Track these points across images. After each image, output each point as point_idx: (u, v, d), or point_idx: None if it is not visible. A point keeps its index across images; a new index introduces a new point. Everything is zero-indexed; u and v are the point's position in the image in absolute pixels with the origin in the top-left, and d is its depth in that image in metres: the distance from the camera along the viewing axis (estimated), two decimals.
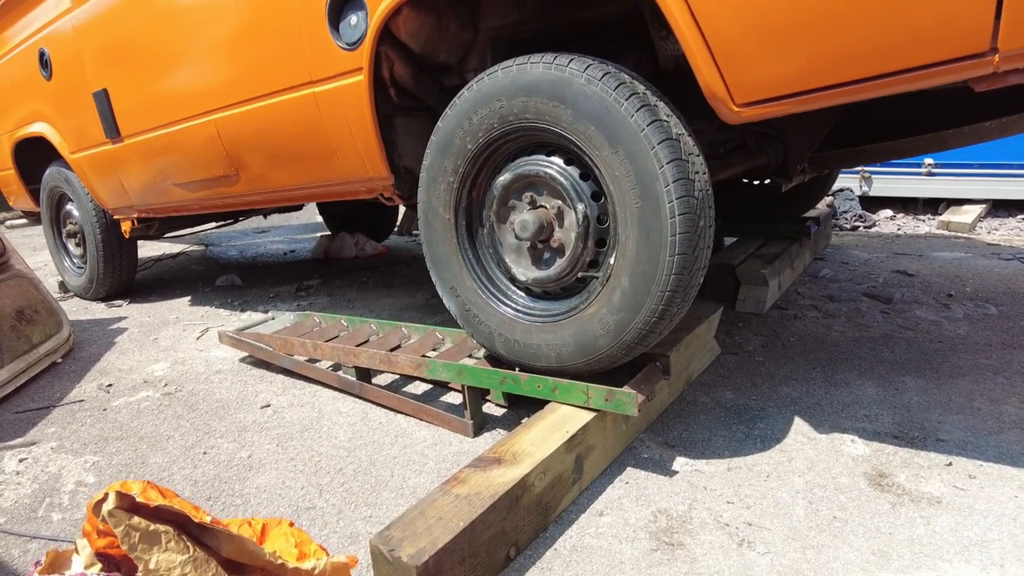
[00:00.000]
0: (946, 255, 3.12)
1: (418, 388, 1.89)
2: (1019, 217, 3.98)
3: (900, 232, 3.79)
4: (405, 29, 1.53)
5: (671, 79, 1.50)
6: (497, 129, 1.38)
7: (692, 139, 1.23)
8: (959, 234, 3.66)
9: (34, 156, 3.28)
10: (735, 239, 2.85)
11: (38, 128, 3.01)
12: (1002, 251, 3.17)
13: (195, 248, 4.80)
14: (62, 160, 3.08)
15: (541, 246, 1.42)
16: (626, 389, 1.32)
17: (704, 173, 1.24)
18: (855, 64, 1.02)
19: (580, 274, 1.37)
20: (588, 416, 1.33)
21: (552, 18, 1.61)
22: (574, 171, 1.34)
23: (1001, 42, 0.92)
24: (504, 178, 1.42)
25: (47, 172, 3.29)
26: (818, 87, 1.06)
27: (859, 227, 3.87)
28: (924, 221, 4.03)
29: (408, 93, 1.70)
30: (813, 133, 2.00)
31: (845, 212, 3.98)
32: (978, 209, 3.96)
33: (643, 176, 1.19)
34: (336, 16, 1.57)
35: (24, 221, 3.98)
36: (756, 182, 2.78)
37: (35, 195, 3.56)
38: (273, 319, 2.33)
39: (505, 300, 1.49)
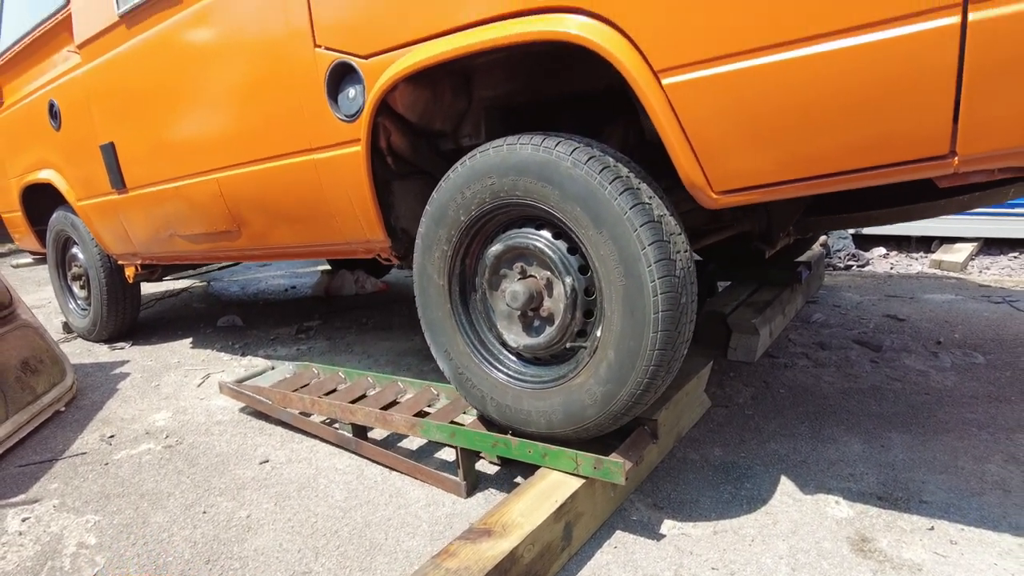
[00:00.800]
0: (937, 297, 3.16)
1: (414, 442, 1.93)
2: (1010, 255, 4.03)
3: (893, 271, 3.84)
4: (402, 102, 1.60)
5: (657, 147, 1.55)
6: (489, 203, 1.43)
7: (674, 219, 1.28)
8: (951, 273, 3.71)
9: (41, 199, 3.36)
10: (728, 283, 2.90)
11: (46, 175, 3.09)
12: (992, 293, 3.22)
13: (197, 284, 4.86)
14: (68, 205, 3.16)
15: (531, 314, 1.47)
16: (614, 457, 1.36)
17: (686, 251, 1.29)
18: (826, 160, 1.08)
19: (568, 344, 1.42)
20: (577, 483, 1.37)
21: (543, 89, 1.68)
22: (562, 245, 1.40)
23: (959, 147, 0.98)
24: (496, 248, 1.48)
25: (54, 216, 3.36)
26: (793, 179, 1.12)
27: (852, 266, 3.92)
28: (917, 259, 4.08)
29: (405, 159, 1.76)
30: (796, 203, 2.06)
31: (839, 251, 4.04)
32: (969, 247, 4.01)
33: (626, 256, 1.24)
34: (335, 89, 1.64)
35: (30, 261, 4.04)
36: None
37: (41, 236, 3.63)
38: (273, 368, 2.38)
39: (497, 365, 1.54)
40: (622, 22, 1.15)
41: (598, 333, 1.34)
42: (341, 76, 1.61)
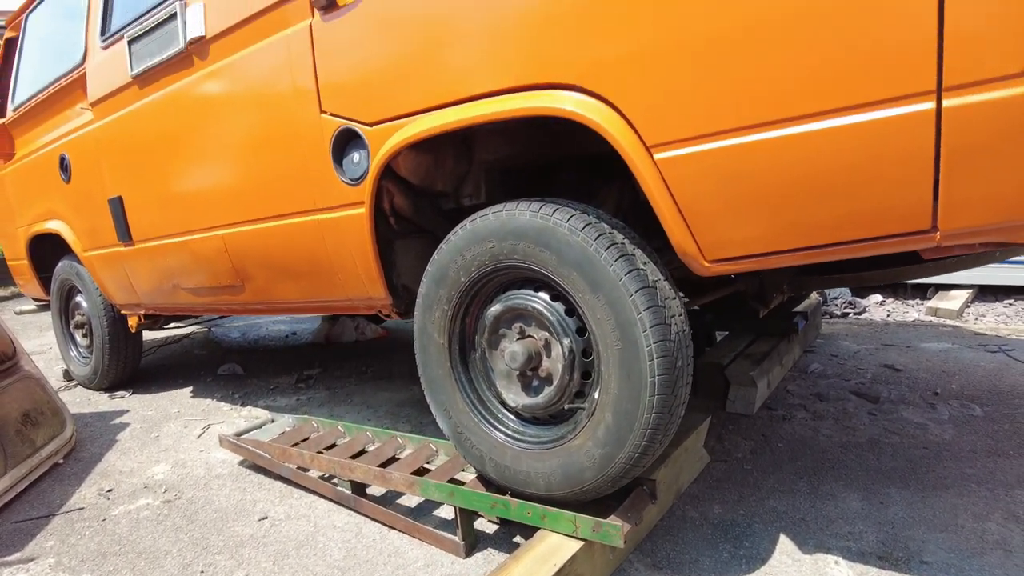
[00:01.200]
0: (934, 346, 3.18)
1: (412, 499, 1.92)
2: (1005, 302, 4.07)
3: (889, 319, 3.87)
4: (405, 166, 1.65)
5: (651, 209, 1.60)
6: (489, 265, 1.47)
7: (668, 283, 1.32)
8: (947, 321, 3.74)
9: (46, 248, 3.42)
10: (726, 333, 2.92)
11: (53, 225, 3.15)
12: (988, 342, 3.24)
13: (199, 330, 4.88)
14: (74, 255, 3.20)
15: (530, 374, 1.49)
16: (612, 520, 1.36)
17: (681, 315, 1.32)
18: (814, 233, 1.12)
19: (567, 405, 1.44)
20: (576, 546, 1.37)
21: (541, 153, 1.74)
22: (560, 307, 1.43)
23: (941, 222, 1.02)
24: (495, 309, 1.51)
25: (59, 265, 3.41)
26: (782, 250, 1.15)
27: (849, 314, 3.95)
28: (913, 306, 4.12)
29: (406, 219, 1.81)
30: (788, 267, 2.10)
31: (835, 299, 4.08)
32: (965, 295, 4.04)
33: (623, 321, 1.27)
34: (340, 153, 1.69)
35: (33, 308, 4.08)
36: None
37: (45, 283, 3.68)
38: (273, 421, 2.38)
39: (496, 424, 1.56)
40: (616, 100, 1.21)
41: (596, 395, 1.36)
42: (346, 141, 1.67)
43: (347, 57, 1.62)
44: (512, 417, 1.56)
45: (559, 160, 1.79)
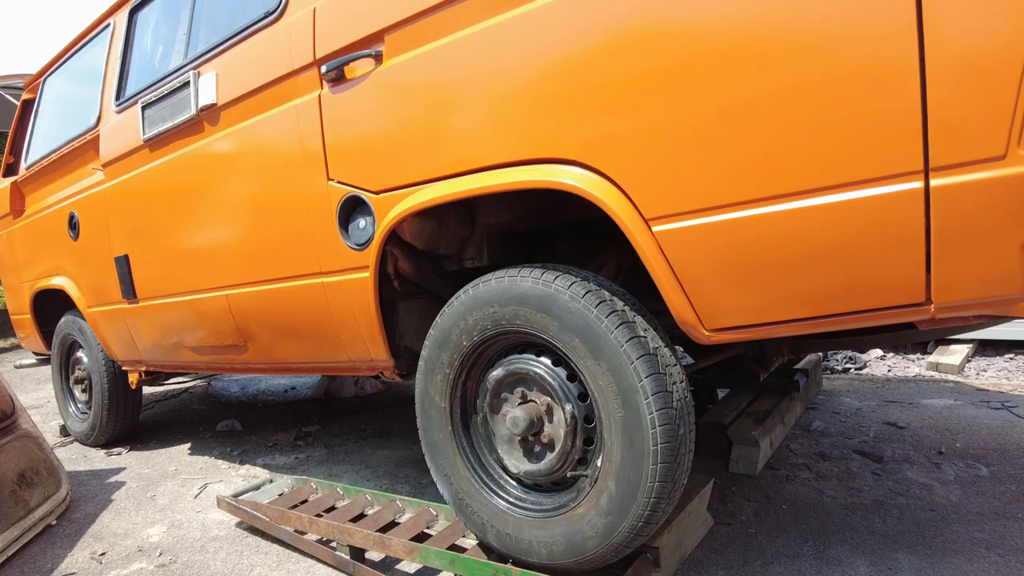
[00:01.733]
0: (936, 403, 3.17)
1: (412, 565, 1.89)
2: (1006, 357, 4.06)
3: (890, 374, 3.87)
4: (409, 231, 1.69)
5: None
6: (491, 330, 1.49)
7: (669, 350, 1.34)
8: (948, 376, 3.73)
9: (48, 304, 3.45)
10: (727, 390, 2.91)
11: (59, 281, 3.18)
12: (991, 398, 3.22)
13: (198, 384, 4.86)
14: (77, 310, 3.23)
15: (532, 439, 1.49)
16: None
17: (682, 382, 1.33)
18: (812, 304, 1.14)
19: (569, 473, 1.43)
20: None
21: (543, 218, 1.78)
22: (561, 372, 1.44)
23: (934, 296, 1.04)
24: (497, 373, 1.52)
25: (62, 321, 3.42)
26: (781, 320, 1.18)
27: (850, 369, 3.95)
28: (914, 361, 4.11)
29: (410, 280, 1.84)
30: None
31: (835, 354, 4.08)
32: (965, 349, 4.05)
33: (624, 388, 1.28)
34: (346, 219, 1.73)
35: (33, 362, 4.08)
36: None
37: (46, 338, 3.69)
38: (271, 482, 2.36)
39: (498, 491, 1.54)
40: (614, 175, 1.25)
41: (599, 463, 1.36)
42: (352, 208, 1.71)
43: (355, 127, 1.68)
44: (514, 483, 1.55)
45: (560, 224, 1.83)
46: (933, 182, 0.99)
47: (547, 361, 1.46)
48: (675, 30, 1.17)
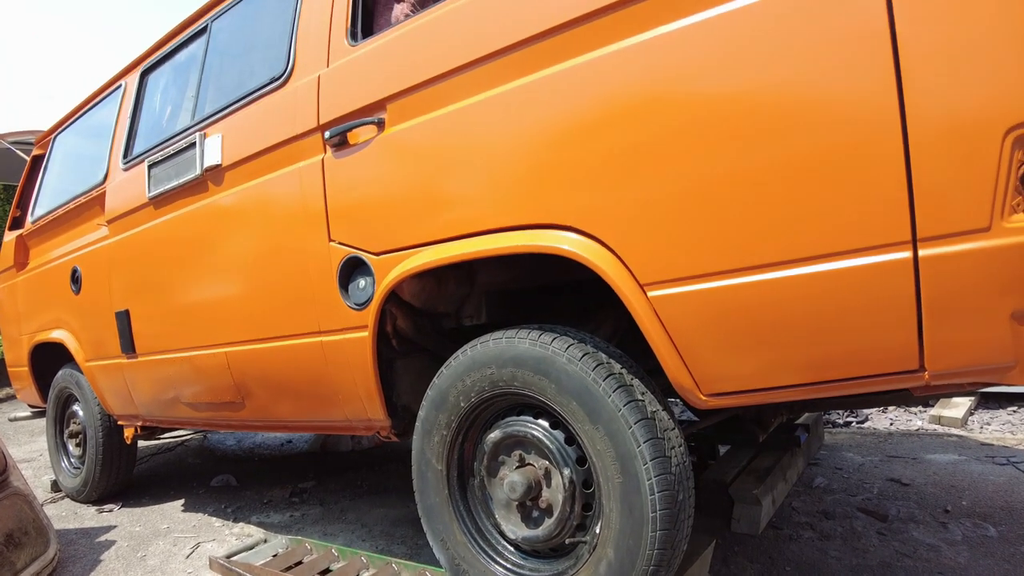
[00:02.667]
0: (940, 458, 3.13)
1: None
2: (1009, 409, 4.03)
3: (893, 428, 3.83)
4: (408, 291, 1.70)
5: None
6: (488, 391, 1.49)
7: (667, 414, 1.33)
8: (951, 430, 3.69)
9: (45, 356, 3.44)
10: (727, 447, 2.88)
11: (58, 335, 3.19)
12: (996, 453, 3.19)
13: (194, 437, 4.80)
14: (75, 364, 3.22)
15: (530, 504, 1.47)
16: None
17: (681, 446, 1.32)
18: (809, 370, 1.15)
19: (568, 539, 1.41)
20: None
21: (540, 278, 1.80)
22: (560, 435, 1.43)
23: (927, 363, 1.05)
24: (494, 435, 1.51)
25: (60, 374, 3.41)
26: (778, 386, 1.18)
27: (852, 423, 3.91)
28: (916, 414, 4.08)
29: (408, 339, 1.84)
30: None
31: (837, 408, 4.04)
32: (968, 402, 4.02)
33: (622, 453, 1.28)
34: (346, 280, 1.75)
35: (28, 414, 4.05)
36: None
37: (42, 390, 3.67)
38: (265, 542, 2.31)
39: (495, 556, 1.52)
40: (609, 241, 1.28)
41: (597, 529, 1.34)
42: (352, 268, 1.74)
43: (357, 191, 1.71)
44: (511, 549, 1.53)
45: (558, 283, 1.85)
46: (921, 252, 1.01)
47: (545, 424, 1.45)
48: (668, 104, 1.21)
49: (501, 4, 1.46)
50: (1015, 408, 4.08)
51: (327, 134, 1.75)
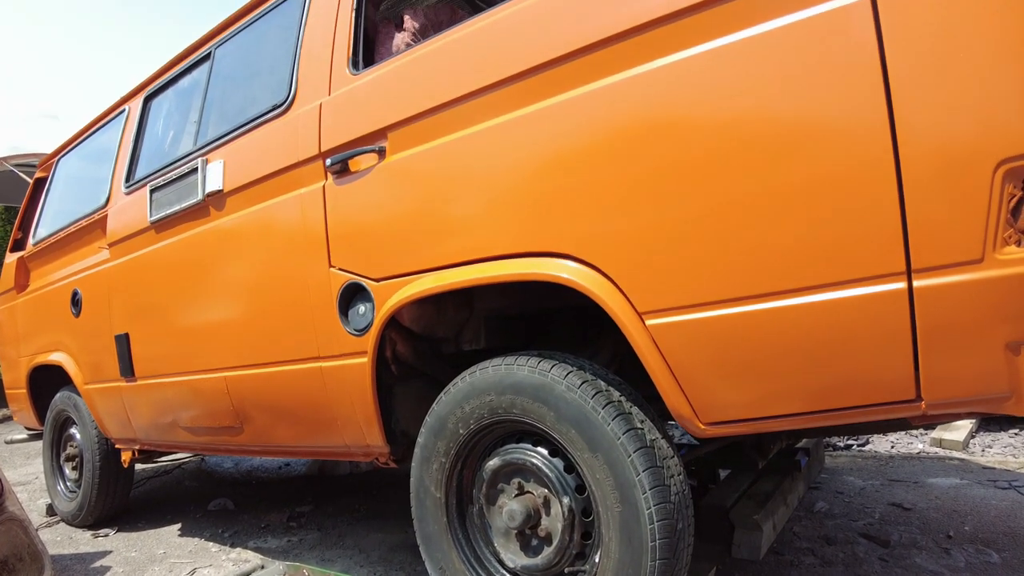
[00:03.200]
0: (942, 482, 3.12)
1: None
2: (1011, 432, 4.02)
3: (894, 451, 3.81)
4: (408, 317, 1.71)
5: None
6: (487, 418, 1.49)
7: (666, 442, 1.33)
8: (953, 453, 3.68)
9: (43, 379, 3.44)
10: (728, 471, 2.86)
11: (57, 357, 3.18)
12: (997, 476, 3.17)
13: (191, 459, 4.77)
14: (72, 386, 3.21)
15: (529, 532, 1.46)
16: None
17: (680, 475, 1.32)
18: (808, 399, 1.15)
19: (567, 569, 1.40)
20: None
21: (538, 304, 1.81)
22: (559, 463, 1.43)
23: (924, 393, 1.05)
24: (493, 463, 1.51)
25: (57, 396, 3.41)
26: (777, 415, 1.18)
27: (852, 445, 3.90)
28: (917, 437, 4.06)
29: (407, 364, 1.85)
30: None
31: None
32: (969, 424, 4.00)
33: (622, 482, 1.27)
34: (346, 305, 1.76)
35: (24, 437, 4.02)
36: None
37: (40, 413, 3.65)
38: (262, 567, 2.29)
39: None
40: (607, 269, 1.29)
41: (596, 558, 1.34)
42: (353, 294, 1.74)
43: (357, 218, 1.73)
44: None
45: (557, 309, 1.86)
46: (916, 283, 1.02)
47: (544, 451, 1.45)
48: (665, 135, 1.23)
49: (500, 35, 1.49)
50: (1016, 431, 4.07)
51: (328, 161, 1.77)
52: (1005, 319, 0.98)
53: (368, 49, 1.90)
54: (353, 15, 1.85)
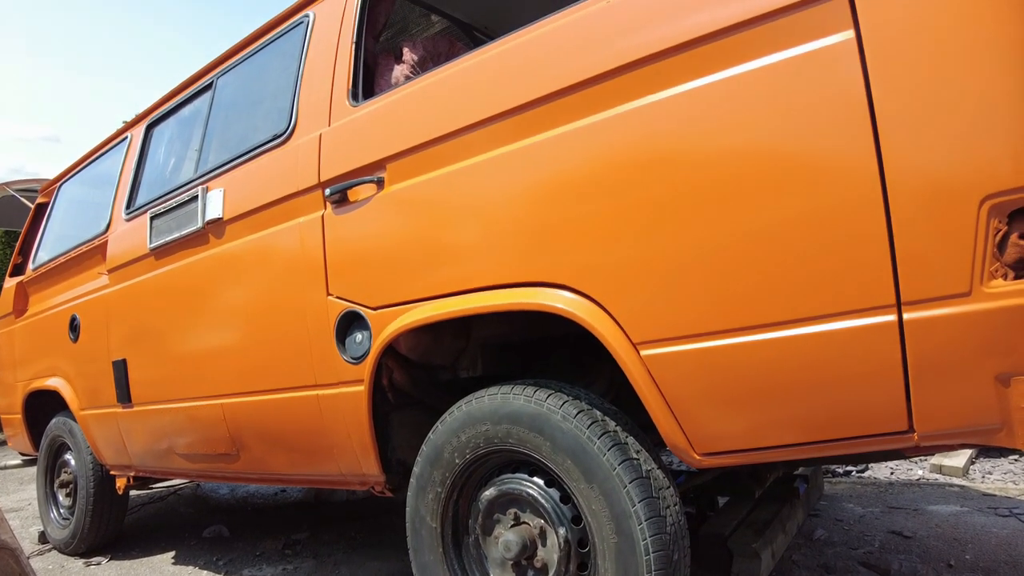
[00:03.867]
0: (942, 509, 3.09)
1: None
2: (1010, 458, 4.00)
3: (893, 477, 3.79)
4: (405, 345, 1.72)
5: None
6: (483, 448, 1.49)
7: (662, 472, 1.33)
8: (953, 479, 3.66)
9: (38, 404, 3.42)
10: (726, 498, 2.85)
11: (54, 382, 3.18)
12: (998, 503, 3.15)
13: (186, 485, 4.74)
14: (68, 412, 3.20)
15: (525, 563, 1.45)
16: None
17: (676, 505, 1.32)
18: (801, 430, 1.16)
19: None
20: None
21: (536, 331, 1.82)
22: (555, 493, 1.43)
23: (916, 424, 1.06)
24: (489, 493, 1.51)
25: (53, 422, 3.39)
26: (772, 445, 1.19)
27: (852, 472, 3.87)
28: (916, 463, 4.04)
29: (404, 392, 1.85)
30: None
31: None
32: (968, 450, 3.98)
33: (617, 513, 1.27)
34: (343, 333, 1.77)
35: (19, 463, 4.00)
36: None
37: (34, 438, 3.63)
38: None
39: None
40: (602, 300, 1.30)
41: None
42: (350, 322, 1.75)
43: (356, 247, 1.75)
44: None
45: (554, 337, 1.86)
46: (906, 315, 1.04)
47: (540, 482, 1.45)
48: (658, 168, 1.25)
49: (498, 69, 1.52)
50: (1016, 457, 4.05)
51: (328, 191, 1.79)
52: (994, 352, 0.99)
53: (368, 81, 1.94)
54: (353, 48, 1.88)
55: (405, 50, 2.02)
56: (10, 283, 3.73)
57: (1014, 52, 0.97)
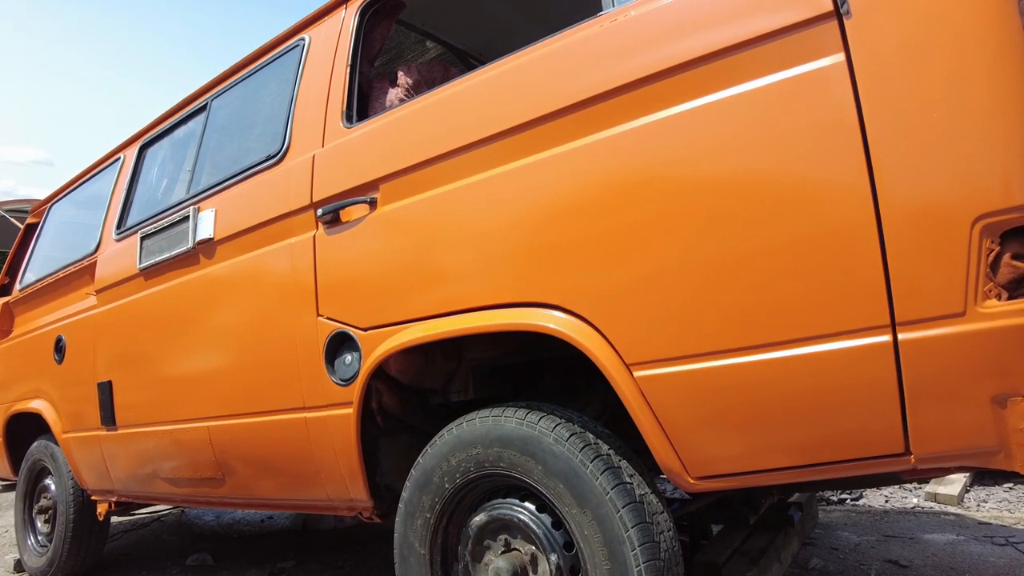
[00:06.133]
0: (938, 538, 3.06)
1: None
2: (1005, 486, 3.97)
3: (888, 505, 3.76)
4: (395, 367, 1.70)
5: None
6: (474, 472, 1.46)
7: (656, 497, 1.31)
8: (948, 508, 3.62)
9: (18, 428, 3.35)
10: (720, 526, 2.81)
11: (36, 405, 3.12)
12: (994, 532, 3.12)
13: (170, 512, 4.63)
14: (50, 435, 3.13)
15: None
16: None
17: (670, 530, 1.29)
18: (798, 453, 1.14)
19: None
20: None
21: (528, 353, 1.80)
22: (546, 519, 1.40)
23: (913, 446, 1.05)
24: (479, 519, 1.47)
25: (34, 445, 3.32)
26: (768, 468, 1.17)
27: (846, 499, 3.84)
28: (911, 490, 4.01)
29: (393, 416, 1.82)
30: None
31: None
32: (963, 478, 3.96)
33: (610, 539, 1.24)
34: (332, 355, 1.74)
35: None
36: None
37: (14, 463, 3.55)
38: None
39: None
40: (595, 321, 1.29)
41: None
42: (339, 343, 1.73)
43: (347, 267, 1.73)
44: None
45: (546, 359, 1.84)
46: (901, 336, 1.03)
47: (531, 507, 1.42)
48: (652, 189, 1.25)
49: (491, 92, 1.53)
50: (1011, 485, 4.02)
51: (320, 211, 1.78)
52: (990, 372, 0.98)
53: (362, 104, 1.94)
54: (348, 71, 1.90)
55: (400, 74, 2.04)
56: None
57: (1003, 73, 0.98)
